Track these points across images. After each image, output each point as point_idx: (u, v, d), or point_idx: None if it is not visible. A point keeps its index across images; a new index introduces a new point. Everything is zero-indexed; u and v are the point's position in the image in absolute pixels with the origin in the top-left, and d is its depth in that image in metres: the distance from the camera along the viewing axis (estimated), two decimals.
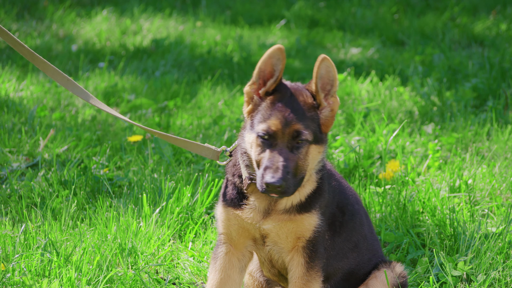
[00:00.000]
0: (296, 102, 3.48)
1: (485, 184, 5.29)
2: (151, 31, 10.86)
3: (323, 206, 3.60)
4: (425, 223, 4.75)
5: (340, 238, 3.75)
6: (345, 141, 6.10)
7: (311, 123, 3.47)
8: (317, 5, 12.26)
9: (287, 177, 3.37)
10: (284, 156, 3.39)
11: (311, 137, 3.45)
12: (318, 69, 3.46)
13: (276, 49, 3.47)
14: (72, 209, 4.77)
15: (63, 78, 4.13)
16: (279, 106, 3.46)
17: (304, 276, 3.59)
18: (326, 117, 3.52)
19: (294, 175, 3.40)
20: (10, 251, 4.27)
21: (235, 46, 9.98)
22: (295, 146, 3.43)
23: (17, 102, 7.25)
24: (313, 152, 3.48)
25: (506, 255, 4.36)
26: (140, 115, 7.18)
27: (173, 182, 5.09)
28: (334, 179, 3.77)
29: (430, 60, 8.93)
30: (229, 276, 3.70)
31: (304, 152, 3.44)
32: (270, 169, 3.36)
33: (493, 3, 11.76)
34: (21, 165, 5.74)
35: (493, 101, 7.17)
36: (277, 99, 3.49)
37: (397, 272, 3.86)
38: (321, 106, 3.51)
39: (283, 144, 3.42)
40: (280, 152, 3.40)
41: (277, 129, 3.42)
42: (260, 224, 3.59)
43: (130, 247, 4.40)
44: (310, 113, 3.48)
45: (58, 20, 11.23)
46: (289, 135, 3.42)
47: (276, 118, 3.43)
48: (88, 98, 4.14)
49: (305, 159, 3.45)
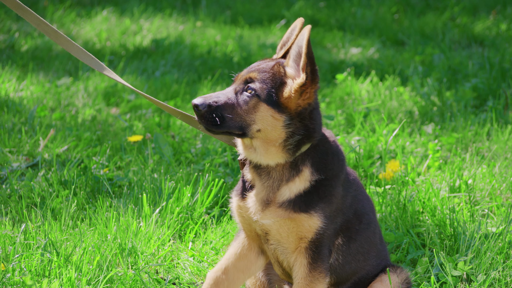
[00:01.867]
0: (268, 63, 3.56)
1: (485, 184, 5.29)
2: (151, 31, 10.87)
3: (327, 210, 3.59)
4: (425, 223, 4.75)
5: (355, 244, 3.76)
6: (345, 141, 6.10)
7: (269, 82, 3.49)
8: (317, 5, 12.26)
9: (212, 105, 3.46)
10: (223, 92, 3.52)
11: (262, 93, 3.47)
12: (296, 36, 3.55)
13: (296, 21, 3.61)
14: (72, 209, 4.77)
15: (87, 57, 4.17)
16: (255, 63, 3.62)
17: (307, 277, 3.60)
18: (289, 91, 3.50)
19: (223, 112, 3.46)
20: (10, 251, 4.27)
21: (235, 46, 9.98)
22: (241, 89, 3.51)
23: (17, 102, 7.25)
24: (263, 111, 3.48)
25: (506, 255, 4.36)
26: (140, 115, 7.18)
27: (173, 182, 5.09)
28: (355, 187, 3.77)
29: (430, 60, 8.93)
30: (246, 254, 3.79)
31: (249, 102, 3.47)
32: (204, 96, 3.50)
33: (493, 3, 11.76)
34: (21, 165, 5.74)
35: (493, 101, 7.17)
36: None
37: (402, 277, 3.87)
38: (286, 75, 3.52)
39: (234, 86, 3.54)
40: (225, 90, 3.54)
41: (238, 74, 3.57)
42: (258, 218, 3.61)
43: (130, 247, 4.40)
44: (273, 75, 3.51)
45: (58, 20, 11.23)
46: (241, 80, 3.52)
47: (245, 69, 3.59)
48: (102, 70, 4.18)
49: (248, 109, 3.47)
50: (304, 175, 3.57)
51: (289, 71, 3.52)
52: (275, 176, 3.59)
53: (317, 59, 9.38)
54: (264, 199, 3.61)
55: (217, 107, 3.48)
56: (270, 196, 3.60)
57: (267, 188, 3.60)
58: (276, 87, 3.49)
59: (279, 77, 3.51)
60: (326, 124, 6.79)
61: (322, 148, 3.61)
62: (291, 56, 3.51)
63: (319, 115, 3.60)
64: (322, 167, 3.60)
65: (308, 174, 3.57)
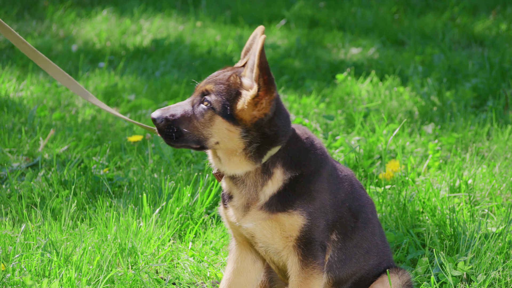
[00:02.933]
0: (226, 74, 3.53)
1: (485, 184, 5.29)
2: (151, 31, 10.87)
3: (310, 206, 3.57)
4: (425, 223, 4.75)
5: (351, 243, 3.75)
6: (345, 141, 6.10)
7: (224, 94, 3.46)
8: (317, 5, 12.26)
9: (169, 118, 3.45)
10: (181, 104, 3.51)
11: (218, 105, 3.44)
12: (251, 43, 3.55)
13: (256, 29, 3.54)
14: (72, 209, 4.77)
15: (64, 77, 4.14)
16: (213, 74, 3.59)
17: (300, 274, 3.59)
18: (243, 102, 3.44)
19: (180, 126, 3.45)
20: (10, 251, 4.27)
21: (235, 46, 9.98)
22: (198, 101, 3.49)
23: (17, 102, 7.25)
24: (219, 124, 3.46)
25: (506, 255, 4.36)
26: (140, 115, 7.18)
27: (173, 182, 5.09)
28: (348, 184, 3.75)
29: (430, 60, 8.93)
30: (243, 267, 3.79)
31: (204, 115, 3.45)
32: (162, 109, 3.50)
33: (493, 3, 11.76)
34: (21, 165, 5.74)
35: (493, 101, 7.16)
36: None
37: (404, 279, 3.86)
38: (242, 85, 3.48)
39: (192, 98, 3.53)
40: (183, 102, 3.53)
41: (198, 85, 3.56)
42: (240, 223, 3.62)
43: (130, 247, 4.40)
44: (229, 87, 3.47)
45: (58, 20, 11.23)
46: (198, 92, 3.51)
47: (203, 80, 3.57)
48: (87, 97, 4.16)
49: (205, 123, 3.45)
50: (275, 176, 3.57)
51: (245, 81, 3.47)
52: (250, 183, 3.59)
53: (317, 59, 9.38)
54: (244, 205, 3.62)
55: (173, 121, 3.46)
56: (249, 202, 3.61)
57: (245, 196, 3.61)
58: (231, 99, 3.45)
59: (234, 89, 3.47)
60: (326, 124, 6.79)
61: (293, 147, 3.59)
62: (248, 66, 3.46)
63: (283, 119, 3.54)
64: (294, 165, 3.58)
65: (279, 174, 3.57)
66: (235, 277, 3.80)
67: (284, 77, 8.58)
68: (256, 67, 3.38)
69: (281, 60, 9.24)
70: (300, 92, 8.07)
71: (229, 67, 3.63)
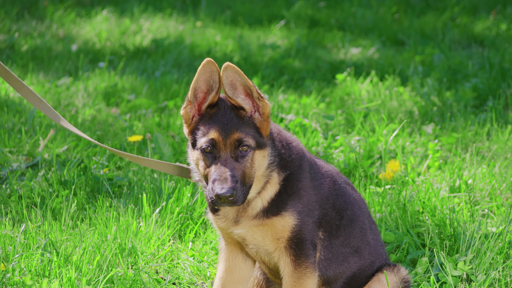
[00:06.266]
0: (231, 112, 3.51)
1: (485, 184, 5.29)
2: (151, 31, 10.86)
3: (298, 205, 3.59)
4: (425, 223, 4.75)
5: (337, 241, 3.75)
6: (345, 141, 6.10)
7: (249, 129, 3.49)
8: (317, 5, 12.26)
9: (237, 186, 3.41)
10: (230, 166, 3.43)
11: (253, 142, 3.48)
12: (222, 78, 3.47)
13: (205, 64, 3.48)
14: (72, 209, 4.77)
15: (35, 99, 4.10)
16: (216, 118, 3.49)
17: (293, 274, 3.60)
18: (260, 121, 3.52)
19: (243, 184, 3.44)
20: (10, 251, 4.27)
21: (235, 46, 9.98)
22: (240, 154, 3.46)
23: (17, 102, 7.25)
24: (258, 157, 3.50)
25: (506, 255, 4.36)
26: (140, 115, 7.18)
27: (173, 182, 5.09)
28: (331, 180, 3.75)
29: (430, 60, 8.93)
30: (234, 265, 3.82)
31: (249, 160, 3.47)
32: (219, 180, 3.40)
33: (493, 3, 11.76)
34: (21, 165, 5.74)
35: (493, 101, 7.16)
36: (214, 112, 3.51)
37: (400, 276, 3.85)
38: (246, 111, 3.51)
39: (227, 154, 3.46)
40: (225, 163, 3.44)
41: (218, 140, 3.46)
42: (231, 230, 3.65)
43: (130, 247, 4.40)
44: (245, 120, 3.50)
45: (58, 20, 11.23)
46: (231, 145, 3.46)
47: (215, 130, 3.47)
48: (59, 120, 4.11)
49: (252, 166, 3.48)
50: (273, 179, 3.60)
51: (247, 106, 3.52)
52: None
53: (317, 59, 9.39)
54: (235, 216, 3.64)
55: (237, 183, 3.44)
56: (241, 212, 3.63)
57: (237, 208, 3.63)
58: (255, 128, 3.51)
59: (248, 118, 3.52)
60: (326, 124, 6.79)
61: (277, 144, 3.63)
62: (239, 94, 3.49)
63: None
64: (284, 163, 3.61)
65: (276, 176, 3.60)
66: (228, 275, 3.82)
67: (284, 77, 8.58)
68: (253, 88, 3.47)
69: (281, 60, 9.24)
70: (300, 92, 8.07)
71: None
